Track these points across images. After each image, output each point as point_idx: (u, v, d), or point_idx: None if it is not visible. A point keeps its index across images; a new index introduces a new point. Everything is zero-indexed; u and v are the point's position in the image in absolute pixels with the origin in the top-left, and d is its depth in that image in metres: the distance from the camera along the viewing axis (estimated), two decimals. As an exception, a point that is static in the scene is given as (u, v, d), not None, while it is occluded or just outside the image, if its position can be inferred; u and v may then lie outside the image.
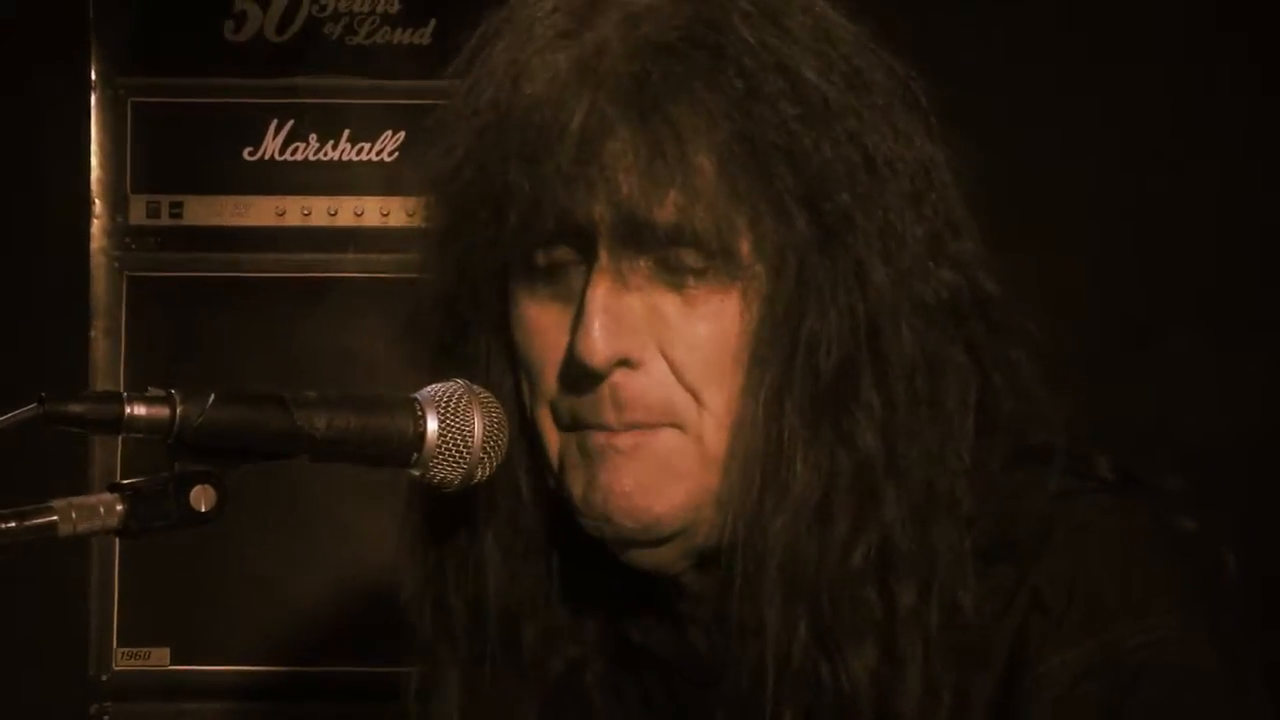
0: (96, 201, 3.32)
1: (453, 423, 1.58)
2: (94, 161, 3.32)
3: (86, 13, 3.31)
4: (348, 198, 3.34)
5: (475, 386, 1.61)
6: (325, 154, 3.34)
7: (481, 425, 1.59)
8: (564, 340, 1.60)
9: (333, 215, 3.33)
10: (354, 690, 3.25)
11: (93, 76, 3.31)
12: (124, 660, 3.26)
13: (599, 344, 1.56)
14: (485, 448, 1.59)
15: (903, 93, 1.65)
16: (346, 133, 3.34)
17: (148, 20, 3.32)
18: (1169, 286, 3.31)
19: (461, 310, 1.68)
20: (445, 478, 1.59)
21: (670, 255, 1.58)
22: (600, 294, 1.57)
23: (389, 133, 3.33)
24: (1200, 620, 1.58)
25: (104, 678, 3.26)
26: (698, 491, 1.60)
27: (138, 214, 3.32)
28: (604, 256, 1.58)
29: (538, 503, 1.68)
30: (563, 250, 1.60)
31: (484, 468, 1.60)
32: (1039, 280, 1.66)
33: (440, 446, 1.57)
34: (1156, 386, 3.07)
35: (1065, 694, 1.54)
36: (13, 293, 3.38)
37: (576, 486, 1.62)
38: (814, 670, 1.57)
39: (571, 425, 1.62)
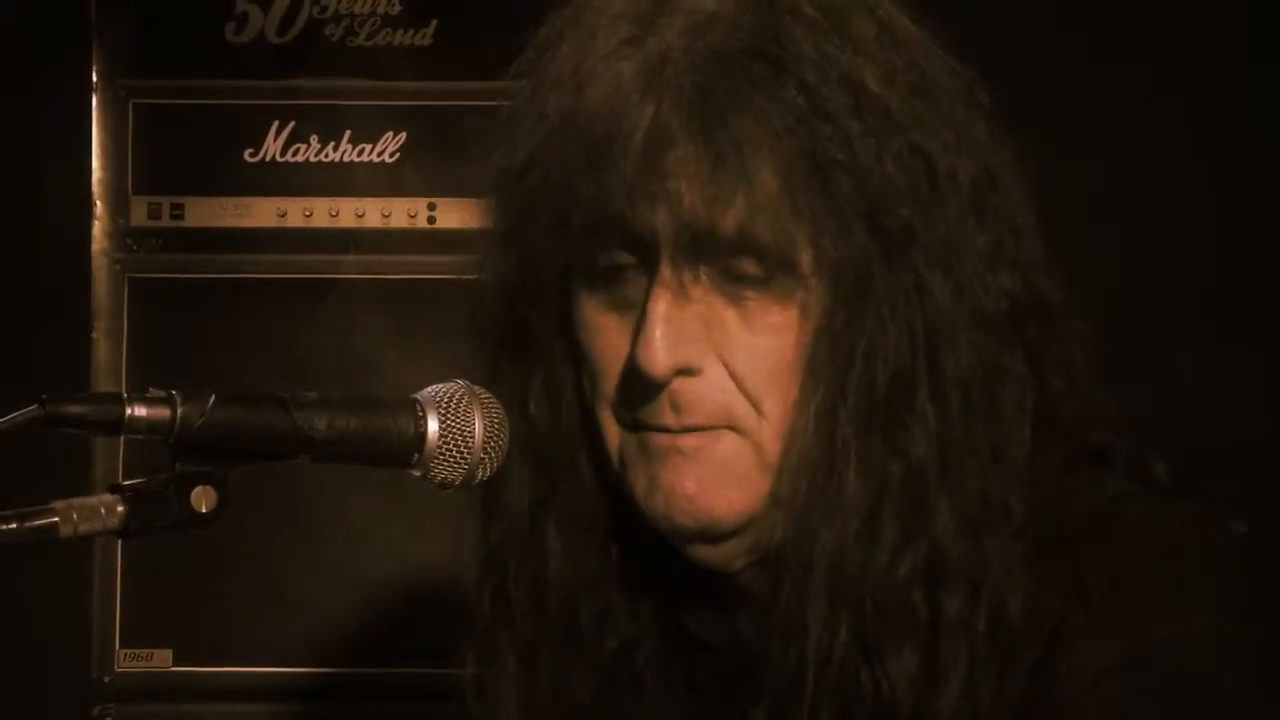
0: (98, 203, 3.32)
1: (453, 423, 1.58)
2: (95, 163, 3.32)
3: (88, 14, 3.31)
4: (349, 199, 3.34)
5: (475, 387, 1.62)
6: (326, 155, 3.34)
7: (482, 426, 1.59)
8: (624, 346, 1.62)
9: (334, 216, 3.33)
10: (358, 691, 3.26)
11: (94, 78, 3.32)
12: (126, 661, 3.27)
13: (660, 354, 1.58)
14: (486, 448, 1.60)
15: (966, 95, 1.66)
16: (348, 134, 3.34)
17: (149, 22, 3.32)
18: (1167, 286, 3.31)
19: (525, 308, 1.70)
20: (446, 478, 1.60)
21: (731, 267, 1.59)
22: (661, 305, 1.59)
23: (390, 134, 3.33)
24: (1239, 628, 1.58)
25: (106, 679, 3.26)
26: (755, 495, 1.62)
27: (139, 215, 3.33)
28: (665, 266, 1.59)
29: (599, 492, 1.70)
30: (624, 255, 1.62)
31: (485, 468, 1.61)
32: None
33: (441, 447, 1.58)
34: (1155, 386, 3.07)
35: (1091, 686, 1.55)
36: (14, 294, 3.38)
37: (639, 484, 1.64)
38: (854, 673, 1.58)
39: (632, 426, 1.64)
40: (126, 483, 1.48)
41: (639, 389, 1.61)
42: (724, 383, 1.60)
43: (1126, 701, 1.54)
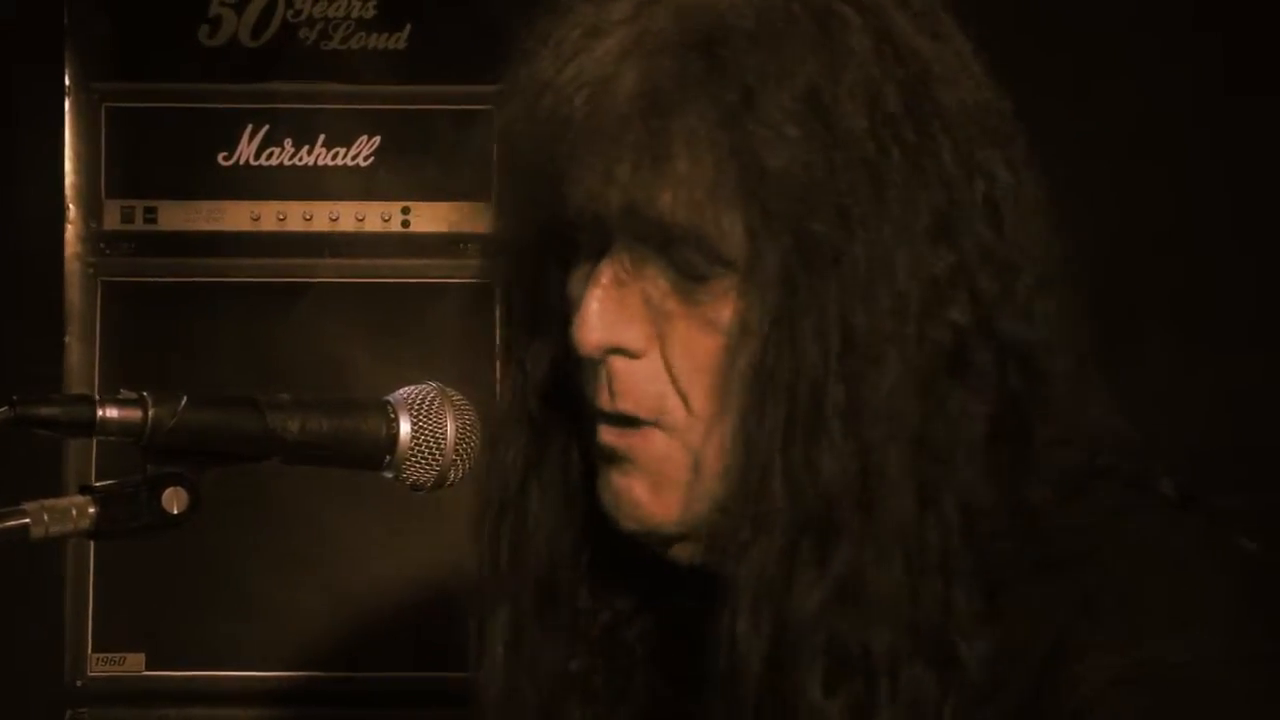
0: (70, 206, 3.31)
1: (425, 425, 1.59)
2: (68, 166, 3.31)
3: (61, 17, 3.31)
4: (323, 203, 3.34)
5: (448, 389, 1.62)
6: (300, 159, 3.34)
7: (454, 427, 1.60)
8: None
9: (308, 220, 3.33)
10: (332, 696, 3.26)
11: (67, 81, 3.31)
12: (99, 665, 3.26)
13: (594, 330, 1.59)
14: (458, 450, 1.60)
15: (988, 123, 1.64)
16: (322, 138, 3.33)
17: (122, 25, 3.32)
18: (1144, 291, 3.32)
19: (534, 264, 1.71)
20: (419, 480, 1.61)
21: (677, 256, 1.60)
22: (604, 279, 1.60)
23: (364, 138, 3.33)
24: (1249, 644, 1.57)
25: (79, 683, 3.25)
26: (692, 499, 1.61)
27: (112, 219, 3.32)
28: (616, 244, 1.60)
29: (585, 463, 1.70)
30: (592, 237, 1.63)
31: (457, 470, 1.61)
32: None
33: (413, 449, 1.59)
34: (1133, 392, 3.08)
35: (1097, 697, 1.53)
36: (-13, 297, 3.38)
37: (599, 478, 1.66)
38: (780, 691, 1.56)
39: (592, 411, 1.64)
40: (98, 484, 1.49)
41: (583, 364, 1.62)
42: (659, 373, 1.60)
43: (1140, 713, 1.52)
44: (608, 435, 1.63)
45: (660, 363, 1.60)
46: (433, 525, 2.91)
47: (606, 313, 1.59)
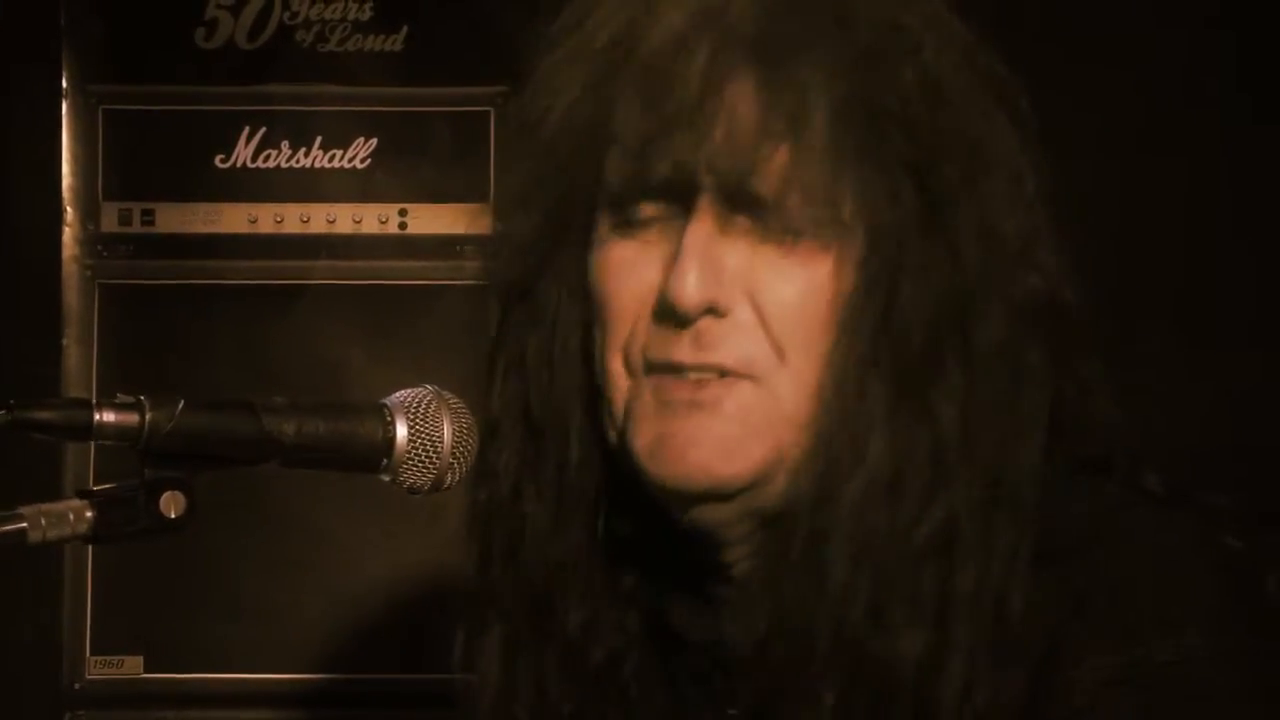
0: (68, 209, 3.31)
1: (422, 428, 1.59)
2: (65, 169, 3.31)
3: (57, 20, 3.31)
4: (320, 204, 3.33)
5: (444, 392, 1.62)
6: (297, 161, 3.34)
7: (451, 431, 1.60)
8: (651, 280, 1.62)
9: (305, 222, 3.33)
10: (330, 698, 3.26)
11: (64, 84, 3.31)
12: (97, 668, 3.26)
13: (692, 288, 1.58)
14: (454, 453, 1.60)
15: (1014, 100, 1.67)
16: (319, 139, 3.33)
17: (119, 27, 3.32)
18: (1142, 290, 3.32)
19: (540, 259, 1.69)
20: (415, 483, 1.61)
21: (772, 210, 1.59)
22: (700, 239, 1.59)
23: (361, 139, 3.33)
24: (1235, 642, 1.58)
25: (77, 686, 3.25)
26: (773, 450, 1.61)
27: (109, 221, 3.32)
28: (707, 203, 1.60)
29: (588, 467, 1.69)
30: (657, 207, 1.62)
31: (453, 473, 1.61)
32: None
33: (410, 452, 1.59)
34: (1130, 392, 3.08)
35: (1090, 701, 1.55)
36: (-16, 300, 3.37)
37: (645, 437, 1.63)
38: (865, 643, 1.57)
39: (646, 369, 1.63)
40: (95, 488, 1.49)
41: (664, 324, 1.60)
42: (751, 327, 1.60)
43: (1133, 714, 1.54)
44: (679, 390, 1.61)
45: (752, 317, 1.59)
46: (429, 528, 2.90)
47: (704, 271, 1.58)
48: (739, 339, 1.60)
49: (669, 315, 1.59)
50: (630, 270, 1.63)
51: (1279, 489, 3.10)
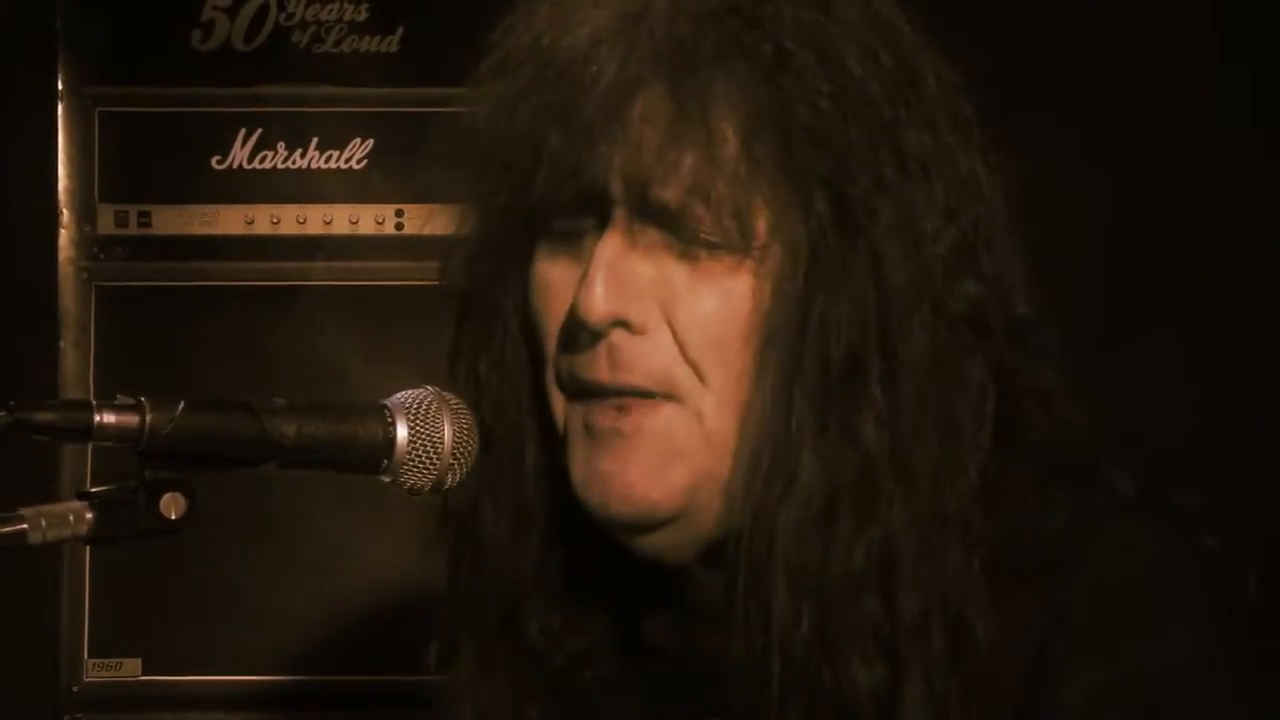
0: (64, 211, 3.31)
1: (422, 429, 1.59)
2: (61, 171, 3.31)
3: (53, 22, 3.30)
4: (316, 206, 3.33)
5: (445, 393, 1.62)
6: (294, 162, 3.34)
7: (451, 431, 1.60)
8: (570, 298, 1.60)
9: (301, 223, 3.33)
10: (328, 700, 3.25)
11: (60, 86, 3.31)
12: (95, 671, 3.25)
13: (599, 300, 1.56)
14: (455, 454, 1.60)
15: (952, 105, 1.64)
16: (315, 141, 3.33)
17: (115, 30, 3.32)
18: (1138, 290, 3.32)
19: (486, 278, 1.69)
20: (416, 484, 1.60)
21: (685, 224, 1.57)
22: (608, 251, 1.57)
23: (357, 140, 3.33)
24: (1220, 647, 1.57)
25: (75, 688, 3.25)
26: (699, 474, 1.59)
27: (106, 223, 3.32)
28: (619, 216, 1.58)
29: (544, 479, 1.68)
30: (582, 217, 1.60)
31: (454, 474, 1.61)
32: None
33: (410, 453, 1.58)
34: (1126, 392, 3.08)
35: (1082, 715, 1.53)
36: (-20, 304, 3.37)
37: (577, 467, 1.62)
38: (816, 671, 1.55)
39: (574, 391, 1.61)
40: (95, 490, 1.48)
41: (577, 340, 1.59)
42: (667, 346, 1.57)
43: None
44: (603, 417, 1.60)
45: (668, 336, 1.57)
46: (428, 531, 2.90)
47: (611, 282, 1.56)
48: (656, 358, 1.58)
49: (581, 329, 1.58)
50: (556, 287, 1.62)
51: (1266, 487, 3.11)
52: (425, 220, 3.29)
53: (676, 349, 1.58)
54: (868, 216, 1.56)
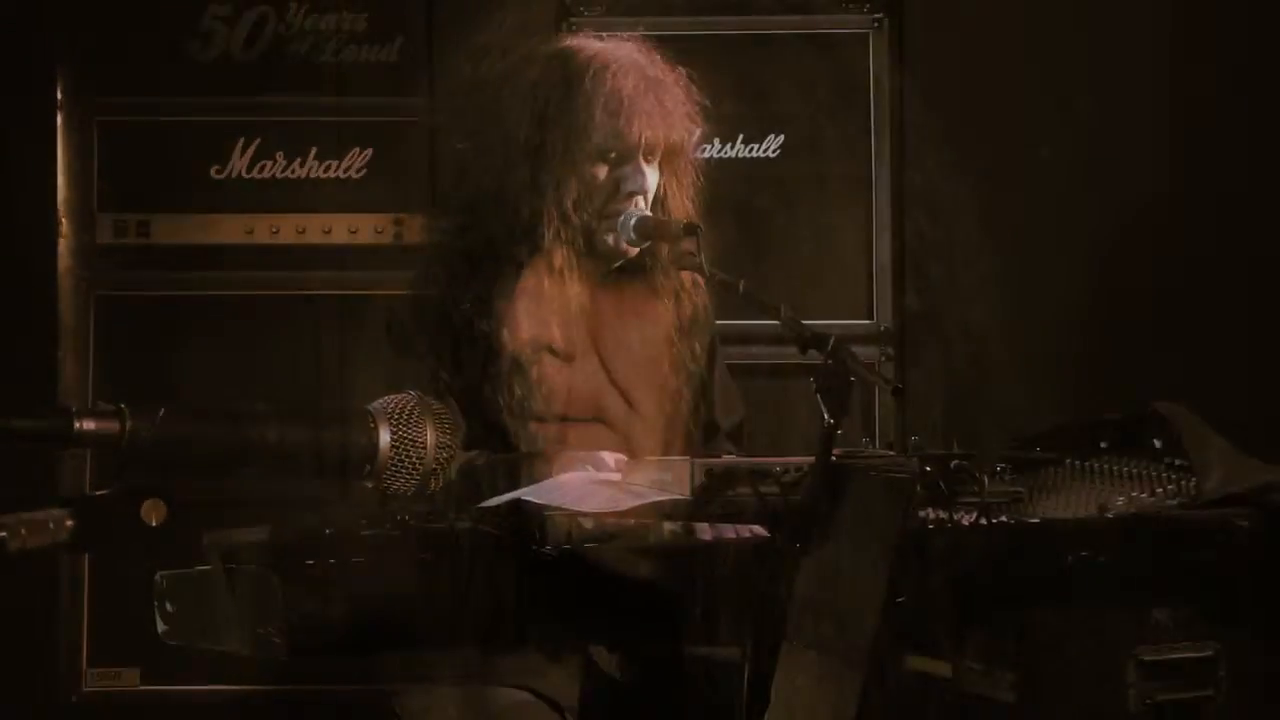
0: (63, 221, 3.31)
1: (405, 434, 1.59)
2: (60, 181, 3.31)
3: (53, 34, 3.31)
4: (316, 215, 3.34)
5: (427, 397, 1.62)
6: (293, 172, 3.34)
7: (434, 436, 1.60)
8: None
9: (300, 233, 3.33)
10: (326, 710, 3.25)
11: (59, 96, 3.31)
12: (94, 680, 3.25)
13: (523, 329, 1.59)
14: (437, 458, 1.60)
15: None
16: (313, 150, 3.33)
17: (114, 40, 3.32)
18: (1132, 286, 3.32)
19: (477, 291, 1.76)
20: (399, 488, 1.60)
21: (611, 255, 1.65)
22: (532, 282, 1.61)
23: (356, 150, 3.33)
24: None
25: (74, 698, 3.25)
26: (632, 488, 1.60)
27: (105, 233, 3.32)
28: (550, 246, 1.60)
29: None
30: (534, 249, 1.62)
31: (437, 478, 1.61)
32: (1012, 279, 1.67)
33: (393, 458, 1.58)
34: (1124, 389, 3.08)
35: None
36: (-20, 313, 3.37)
37: (525, 477, 1.66)
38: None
39: (519, 411, 1.65)
40: (76, 496, 1.48)
41: (514, 368, 1.62)
42: (594, 373, 1.62)
43: None
44: (540, 430, 1.64)
45: (595, 363, 1.61)
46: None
47: (533, 314, 1.60)
48: (582, 387, 1.64)
49: (510, 359, 1.63)
50: (514, 316, 1.68)
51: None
52: (424, 230, 3.30)
53: (604, 375, 1.72)
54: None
